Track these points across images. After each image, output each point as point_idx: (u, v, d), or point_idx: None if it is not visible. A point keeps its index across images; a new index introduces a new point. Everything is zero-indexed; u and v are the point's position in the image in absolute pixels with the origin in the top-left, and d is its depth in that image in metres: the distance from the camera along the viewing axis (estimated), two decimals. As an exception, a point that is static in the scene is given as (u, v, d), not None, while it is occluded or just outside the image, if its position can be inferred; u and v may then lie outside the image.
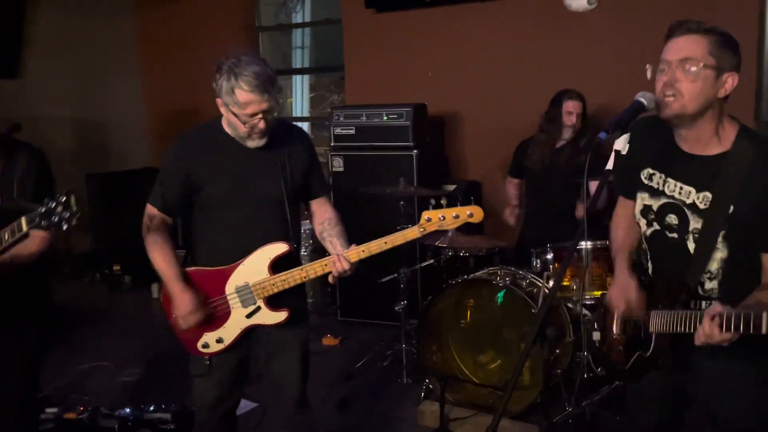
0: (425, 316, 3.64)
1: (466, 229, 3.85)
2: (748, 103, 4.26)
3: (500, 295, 3.50)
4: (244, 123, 2.21)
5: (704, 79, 1.73)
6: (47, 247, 2.34)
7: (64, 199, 2.06)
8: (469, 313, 3.72)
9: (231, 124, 2.28)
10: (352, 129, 4.81)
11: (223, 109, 2.25)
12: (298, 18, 6.67)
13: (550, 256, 3.58)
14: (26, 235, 2.13)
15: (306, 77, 6.88)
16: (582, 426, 3.24)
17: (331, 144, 4.87)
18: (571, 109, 3.99)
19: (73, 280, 6.05)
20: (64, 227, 2.06)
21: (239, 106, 2.17)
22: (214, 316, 2.35)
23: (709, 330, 1.64)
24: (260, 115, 2.19)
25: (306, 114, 6.89)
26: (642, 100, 1.79)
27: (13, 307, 2.37)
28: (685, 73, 1.73)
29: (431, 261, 4.14)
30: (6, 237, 2.14)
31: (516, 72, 5.03)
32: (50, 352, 4.25)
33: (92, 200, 5.90)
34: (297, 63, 6.81)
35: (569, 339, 3.39)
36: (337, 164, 4.83)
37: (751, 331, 1.58)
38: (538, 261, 3.66)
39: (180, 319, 2.33)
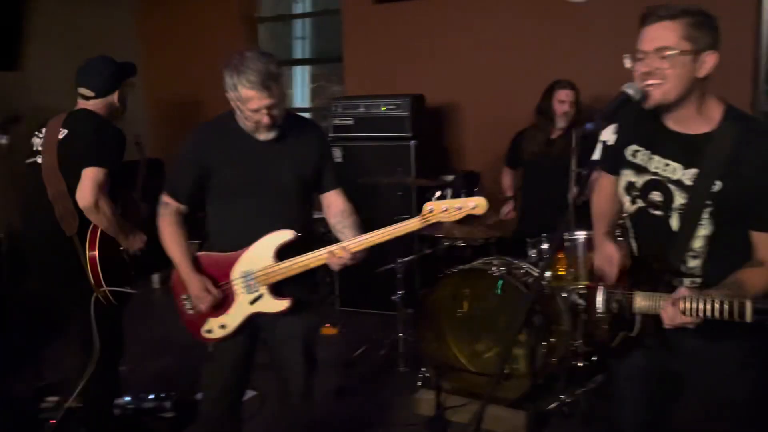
0: (422, 306, 3.67)
1: (464, 218, 3.89)
2: (745, 92, 4.26)
3: (499, 284, 3.53)
4: (247, 118, 2.26)
5: (682, 64, 1.74)
6: None
7: None
8: (465, 302, 3.74)
9: (239, 118, 2.34)
10: (350, 120, 4.83)
11: (232, 104, 2.31)
12: (298, 8, 6.66)
13: (545, 245, 3.60)
14: None
15: (307, 68, 6.88)
16: (576, 414, 3.27)
17: (330, 135, 4.88)
18: (563, 97, 4.00)
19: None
20: None
21: (242, 102, 2.23)
22: (219, 301, 2.39)
23: (672, 313, 1.70)
24: (264, 111, 2.23)
25: (307, 105, 6.89)
26: (629, 91, 1.80)
27: None
28: (661, 61, 1.75)
29: (428, 251, 4.15)
30: None
31: (514, 62, 5.03)
32: (51, 340, 4.36)
33: (94, 191, 5.90)
34: (297, 54, 6.81)
35: (564, 328, 3.41)
36: (336, 155, 4.84)
37: (715, 317, 1.63)
38: (535, 250, 3.68)
39: (194, 299, 2.38)
